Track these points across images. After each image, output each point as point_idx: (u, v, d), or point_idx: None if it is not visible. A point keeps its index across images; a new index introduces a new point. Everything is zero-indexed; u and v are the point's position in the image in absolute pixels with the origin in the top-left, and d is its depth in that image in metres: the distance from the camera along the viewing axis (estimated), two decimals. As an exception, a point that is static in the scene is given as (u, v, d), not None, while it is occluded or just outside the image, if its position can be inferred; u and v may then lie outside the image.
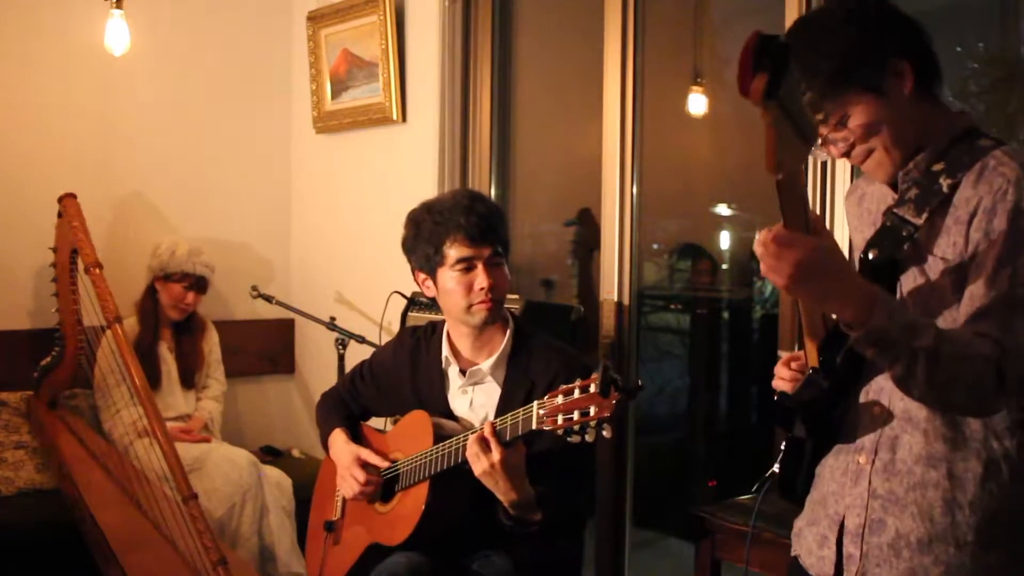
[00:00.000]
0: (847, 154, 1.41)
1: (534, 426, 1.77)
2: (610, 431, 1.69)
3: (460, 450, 1.92)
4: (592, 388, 1.70)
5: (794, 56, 1.30)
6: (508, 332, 2.12)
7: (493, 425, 1.86)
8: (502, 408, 2.04)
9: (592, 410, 1.69)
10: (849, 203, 1.63)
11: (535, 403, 1.79)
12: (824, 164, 2.45)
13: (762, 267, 1.23)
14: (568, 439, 1.73)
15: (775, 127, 1.10)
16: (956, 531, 1.37)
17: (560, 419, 1.73)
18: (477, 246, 2.03)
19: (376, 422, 2.46)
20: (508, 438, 1.84)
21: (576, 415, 1.70)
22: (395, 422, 2.32)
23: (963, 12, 2.77)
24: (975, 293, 1.33)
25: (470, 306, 2.06)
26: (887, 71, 1.37)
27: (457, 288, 2.05)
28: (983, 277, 1.32)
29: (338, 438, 2.25)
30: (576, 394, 1.72)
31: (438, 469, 1.98)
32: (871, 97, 1.36)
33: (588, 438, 1.71)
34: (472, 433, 1.90)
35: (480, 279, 2.03)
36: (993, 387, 1.28)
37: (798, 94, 1.16)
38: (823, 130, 1.39)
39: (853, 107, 1.37)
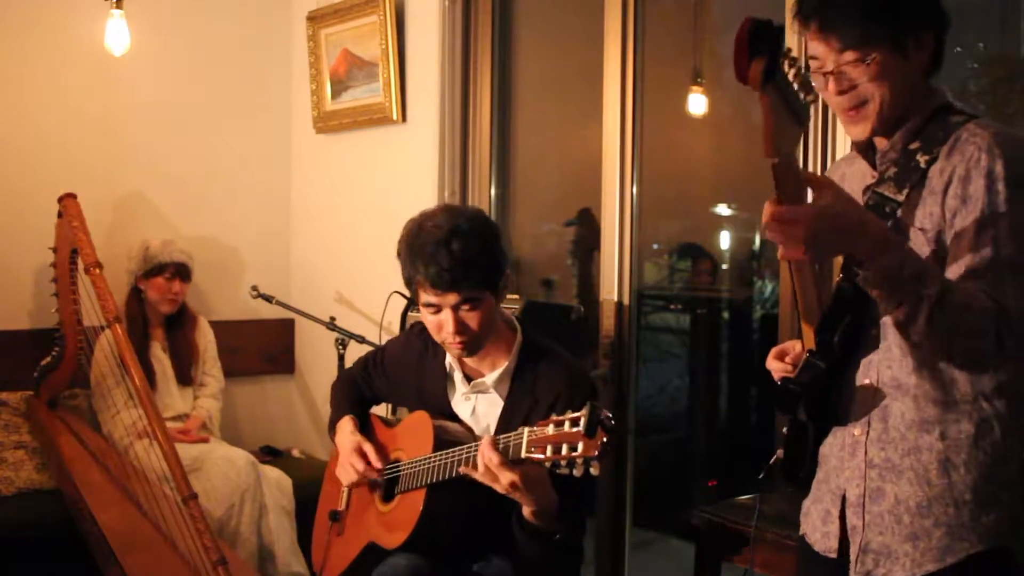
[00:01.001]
0: (843, 92, 1.43)
1: (523, 454, 1.74)
2: (598, 468, 1.65)
3: (456, 463, 1.91)
4: (581, 423, 1.65)
5: None
6: (515, 345, 2.07)
7: (495, 445, 1.78)
8: (503, 424, 2.02)
9: (580, 447, 1.65)
10: None
11: (525, 430, 1.75)
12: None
13: (779, 251, 1.28)
14: (556, 471, 1.69)
15: (773, 111, 1.12)
16: (954, 491, 1.39)
17: (549, 451, 1.69)
18: (441, 294, 1.94)
19: (382, 409, 2.46)
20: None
21: (564, 449, 1.66)
22: (398, 419, 2.32)
23: (963, 12, 2.76)
24: (961, 259, 1.36)
25: (442, 342, 2.04)
26: (915, 37, 1.42)
27: (429, 325, 2.02)
28: (967, 242, 1.35)
29: (344, 426, 2.24)
30: (566, 427, 1.68)
31: (434, 479, 1.97)
32: (894, 51, 1.40)
33: (576, 472, 1.66)
34: (469, 448, 1.89)
35: (447, 324, 1.97)
36: (992, 340, 1.31)
37: (790, 77, 1.19)
38: (836, 63, 1.41)
39: (877, 51, 1.40)
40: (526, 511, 1.84)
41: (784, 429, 1.54)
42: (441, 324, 1.98)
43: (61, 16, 3.64)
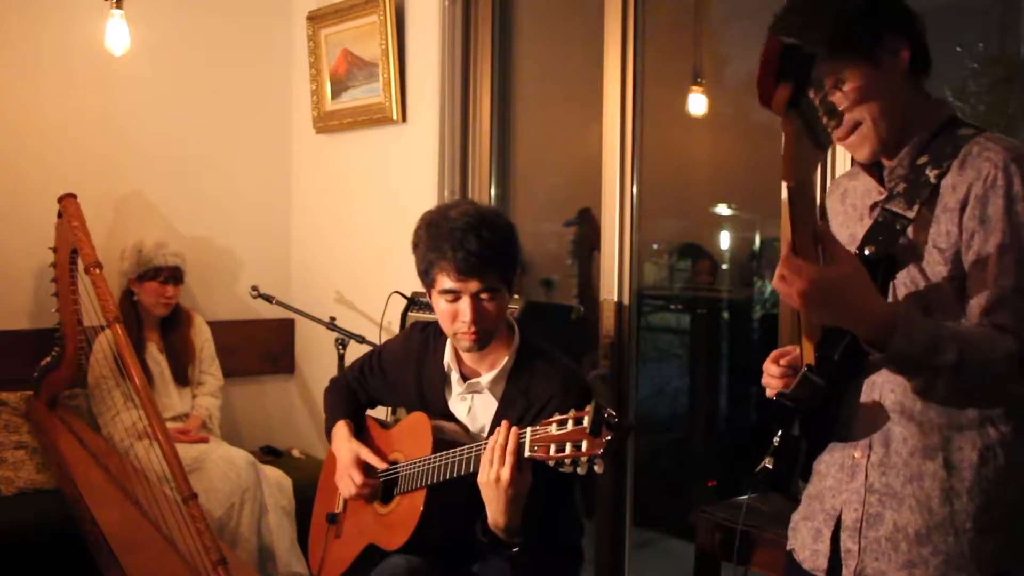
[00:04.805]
0: (835, 124, 1.41)
1: (525, 453, 1.74)
2: (602, 466, 1.65)
3: (457, 464, 1.91)
4: (585, 422, 1.65)
5: (797, 15, 1.29)
6: (512, 346, 2.08)
7: (509, 433, 1.80)
8: (496, 424, 2.00)
9: (584, 445, 1.65)
10: (832, 200, 1.63)
11: (528, 430, 1.75)
12: (824, 166, 2.44)
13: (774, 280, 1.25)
14: (559, 470, 1.70)
15: (795, 137, 1.09)
16: (955, 520, 1.38)
17: (552, 450, 1.69)
18: (464, 280, 1.95)
19: (381, 412, 2.46)
20: None
21: (568, 448, 1.66)
22: (396, 420, 2.32)
23: (963, 12, 2.76)
24: (984, 284, 1.33)
25: (454, 334, 2.03)
26: (884, 45, 1.39)
27: (443, 314, 2.02)
28: (989, 267, 1.32)
29: (340, 432, 2.25)
30: (569, 426, 1.68)
31: (435, 480, 1.97)
32: (867, 66, 1.38)
33: (580, 471, 1.66)
34: (470, 449, 1.89)
35: (464, 312, 1.97)
36: (1015, 380, 1.29)
37: (816, 102, 1.16)
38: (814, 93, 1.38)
39: (849, 71, 1.37)
40: (491, 519, 1.85)
41: (775, 439, 1.51)
42: (457, 313, 1.98)
43: (61, 16, 3.64)
